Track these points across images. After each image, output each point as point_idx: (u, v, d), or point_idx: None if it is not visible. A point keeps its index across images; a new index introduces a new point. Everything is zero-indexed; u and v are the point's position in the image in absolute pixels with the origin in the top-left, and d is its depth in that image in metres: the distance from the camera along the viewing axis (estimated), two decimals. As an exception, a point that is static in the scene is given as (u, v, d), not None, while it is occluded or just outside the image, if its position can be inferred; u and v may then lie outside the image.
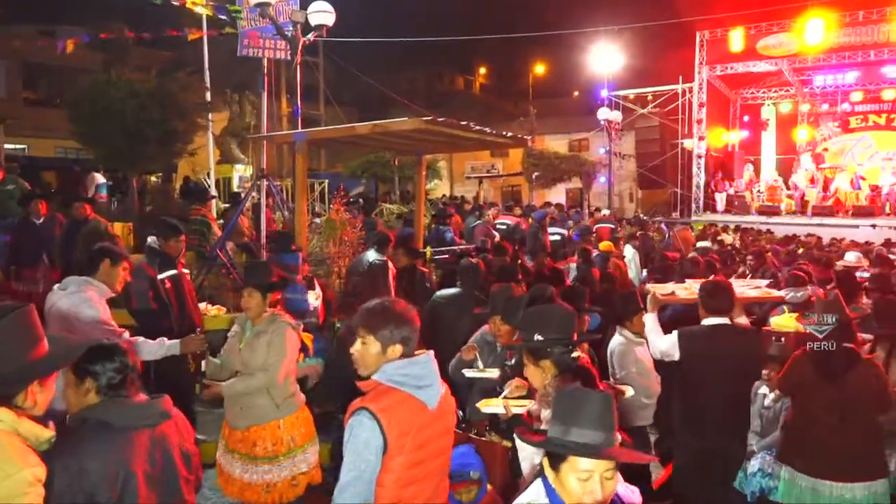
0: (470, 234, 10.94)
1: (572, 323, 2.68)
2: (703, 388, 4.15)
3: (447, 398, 2.52)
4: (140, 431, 2.34)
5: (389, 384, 2.34)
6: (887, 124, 24.99)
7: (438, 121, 6.37)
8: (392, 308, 2.45)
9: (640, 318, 4.71)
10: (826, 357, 3.69)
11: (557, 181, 20.25)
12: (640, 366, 4.58)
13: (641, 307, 4.74)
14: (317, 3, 8.72)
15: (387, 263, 6.37)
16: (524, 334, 2.70)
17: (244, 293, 3.91)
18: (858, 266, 9.44)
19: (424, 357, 2.44)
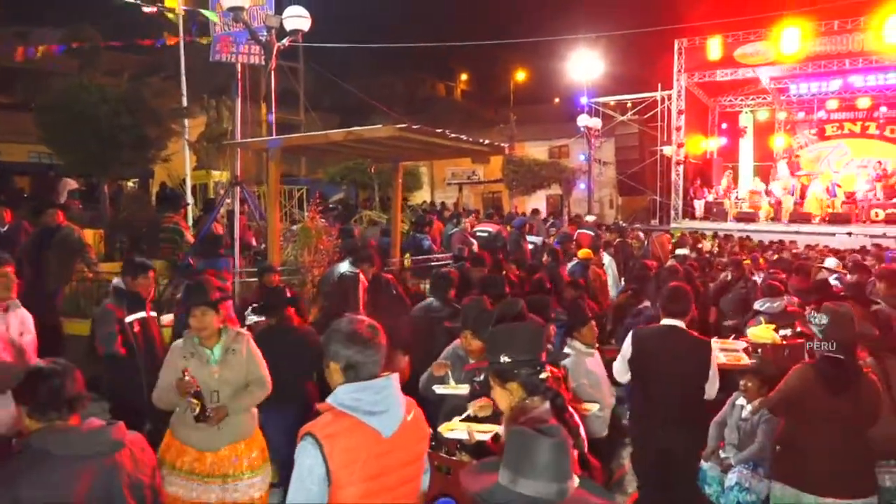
0: (448, 241, 10.85)
1: (541, 342, 2.57)
2: (652, 384, 4.27)
3: (414, 425, 2.39)
4: (86, 461, 2.20)
5: (340, 409, 2.22)
6: (862, 132, 25.29)
7: (413, 128, 6.29)
8: (342, 327, 2.34)
9: (590, 328, 4.63)
10: (835, 369, 3.59)
11: (537, 188, 20.23)
12: (591, 377, 4.50)
13: (591, 316, 4.64)
14: (292, 8, 8.62)
15: (358, 276, 6.18)
16: (489, 355, 2.58)
17: (196, 314, 3.69)
18: (835, 271, 9.48)
19: (382, 381, 2.31)
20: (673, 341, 4.26)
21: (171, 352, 3.81)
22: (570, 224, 16.68)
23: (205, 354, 3.71)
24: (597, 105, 25.16)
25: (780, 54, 22.03)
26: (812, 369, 3.68)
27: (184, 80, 12.56)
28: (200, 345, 3.73)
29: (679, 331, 4.30)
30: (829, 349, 3.67)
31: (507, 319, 3.19)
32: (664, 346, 4.27)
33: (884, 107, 24.38)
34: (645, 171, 26.08)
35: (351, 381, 2.27)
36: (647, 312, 6.26)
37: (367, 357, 2.29)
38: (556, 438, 1.80)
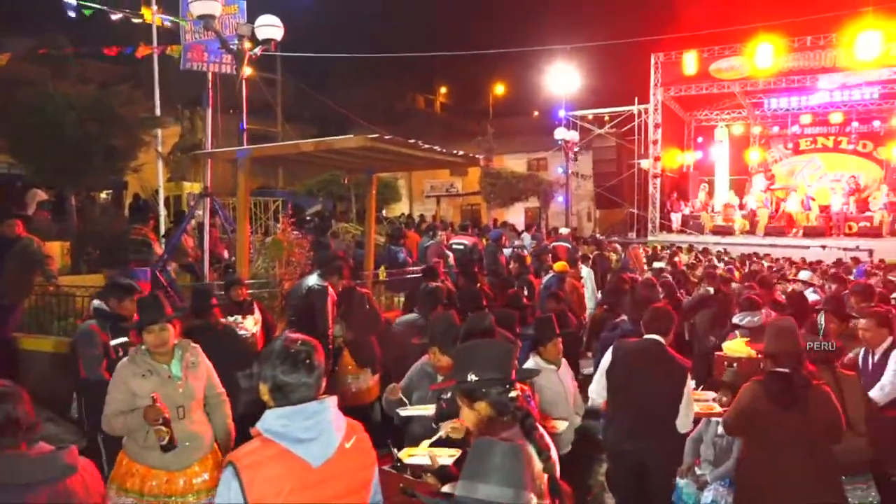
0: (423, 254, 10.70)
1: (510, 359, 2.44)
2: (628, 398, 4.27)
3: (355, 452, 2.22)
4: (37, 488, 2.08)
5: (267, 436, 2.06)
6: (835, 146, 25.67)
7: (385, 138, 6.18)
8: (273, 346, 2.19)
9: (555, 344, 4.54)
10: (783, 384, 3.52)
11: (515, 200, 20.21)
12: (548, 393, 4.40)
13: (557, 333, 4.55)
14: (265, 17, 8.50)
15: (326, 289, 5.99)
16: (456, 373, 2.44)
17: (153, 330, 3.54)
18: (810, 284, 9.49)
19: (315, 405, 2.13)
20: (652, 355, 4.26)
21: (118, 371, 3.60)
22: (548, 237, 16.67)
23: (163, 370, 3.57)
24: (574, 118, 25.28)
25: (754, 69, 22.32)
26: (759, 385, 3.61)
27: (157, 89, 12.34)
28: (154, 361, 3.58)
29: (659, 345, 4.31)
30: (772, 364, 3.65)
31: (475, 335, 3.06)
32: (643, 360, 4.28)
33: (856, 122, 24.81)
34: (622, 184, 26.21)
35: (280, 404, 2.11)
36: (623, 326, 6.18)
37: (297, 378, 2.11)
38: (511, 443, 1.78)
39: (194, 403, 3.60)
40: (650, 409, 4.21)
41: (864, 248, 18.67)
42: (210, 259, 9.59)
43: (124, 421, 3.47)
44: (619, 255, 15.24)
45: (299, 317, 5.83)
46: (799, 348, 3.66)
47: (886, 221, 20.94)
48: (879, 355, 4.56)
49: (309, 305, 5.77)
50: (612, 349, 4.47)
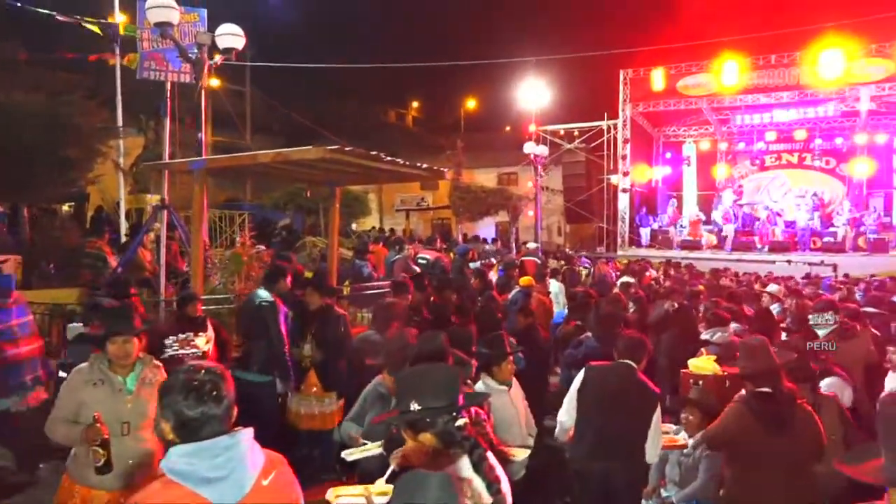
0: (389, 268, 10.53)
1: (457, 385, 2.26)
2: (596, 419, 4.23)
3: (274, 489, 1.98)
4: None
5: (170, 476, 1.85)
6: (799, 163, 26.11)
7: (345, 150, 5.99)
8: (176, 376, 1.98)
9: (508, 364, 4.39)
10: (770, 405, 3.42)
11: (484, 214, 20.13)
12: (501, 415, 4.25)
13: (510, 352, 4.41)
14: (226, 26, 8.31)
15: (276, 304, 5.70)
16: (399, 403, 2.26)
17: (118, 341, 3.44)
18: (778, 298, 9.49)
19: (226, 440, 1.91)
20: (624, 380, 4.26)
21: (72, 377, 3.47)
22: (519, 251, 16.60)
23: (117, 382, 3.45)
24: (544, 133, 25.36)
25: (720, 86, 22.63)
26: (745, 406, 3.50)
27: (119, 99, 12.03)
28: (111, 371, 3.46)
29: (632, 370, 4.30)
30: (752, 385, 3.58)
31: (424, 357, 2.88)
32: (613, 381, 4.27)
33: (819, 139, 25.26)
34: (592, 199, 26.31)
35: (185, 440, 1.90)
36: (587, 343, 6.06)
37: (203, 412, 1.91)
38: (441, 475, 1.63)
39: (144, 422, 3.44)
40: (618, 432, 4.20)
41: (828, 263, 18.91)
42: (170, 273, 9.30)
43: (67, 431, 3.34)
44: (588, 270, 15.20)
45: (252, 334, 5.58)
46: (776, 365, 3.61)
47: (850, 237, 21.27)
48: None
49: (260, 322, 5.53)
50: (584, 371, 4.45)
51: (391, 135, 41.02)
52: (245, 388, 5.72)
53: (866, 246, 20.84)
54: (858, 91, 21.54)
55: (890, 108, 22.87)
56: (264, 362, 5.50)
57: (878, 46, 20.84)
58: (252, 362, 5.59)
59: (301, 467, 6.17)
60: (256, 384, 5.58)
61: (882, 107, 22.98)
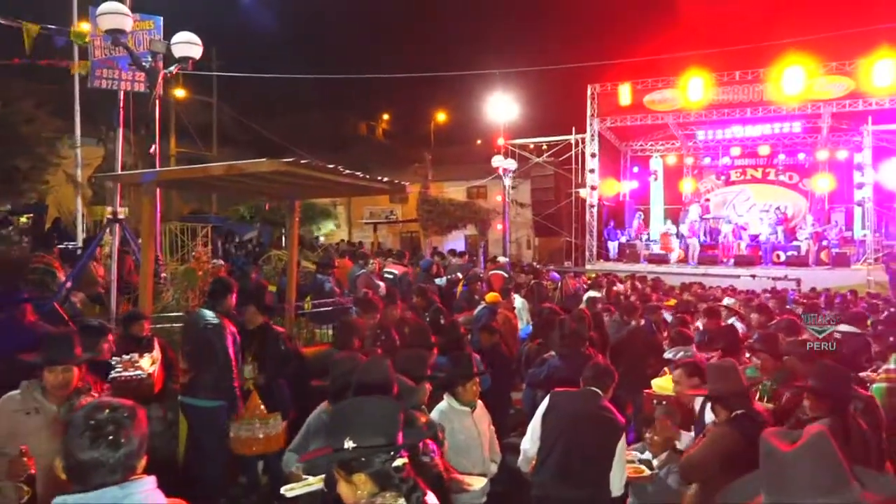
0: (353, 283, 10.28)
1: (396, 420, 2.07)
2: (559, 440, 4.14)
3: None
4: None
5: None
6: (763, 178, 26.49)
7: (301, 163, 5.77)
8: (77, 415, 1.79)
9: (473, 385, 4.23)
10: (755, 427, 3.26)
11: (452, 228, 19.99)
12: (461, 438, 4.08)
13: (475, 371, 4.25)
14: (182, 34, 8.08)
15: (222, 325, 5.34)
16: (331, 439, 2.06)
17: (57, 370, 3.25)
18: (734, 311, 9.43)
19: (115, 491, 1.71)
20: (590, 407, 4.18)
21: (3, 402, 3.27)
22: (486, 265, 16.45)
23: (51, 412, 3.25)
24: (513, 147, 25.38)
25: (686, 101, 22.89)
26: (732, 429, 3.35)
27: (77, 109, 11.68)
28: (46, 400, 3.26)
29: (597, 398, 4.22)
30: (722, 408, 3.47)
31: (367, 387, 2.68)
32: (578, 408, 4.20)
33: (782, 154, 25.68)
34: (560, 213, 26.37)
35: (74, 484, 1.70)
36: (551, 362, 5.91)
37: (95, 457, 1.72)
38: None
39: None
40: (582, 460, 4.11)
41: (792, 277, 19.12)
42: (123, 289, 8.96)
43: None
44: (555, 284, 15.10)
45: (197, 359, 5.28)
46: (745, 387, 3.53)
47: (813, 251, 21.57)
48: None
49: (206, 345, 5.24)
50: (549, 397, 4.36)
51: (361, 148, 40.87)
52: (194, 414, 5.46)
53: (829, 260, 21.15)
54: (820, 108, 21.96)
55: (850, 125, 23.33)
56: (212, 388, 5.23)
57: (838, 64, 21.29)
58: (199, 388, 5.30)
59: (250, 493, 5.90)
60: (206, 409, 5.29)
61: (843, 123, 23.45)
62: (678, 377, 4.51)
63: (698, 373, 4.30)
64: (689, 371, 4.45)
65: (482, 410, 4.35)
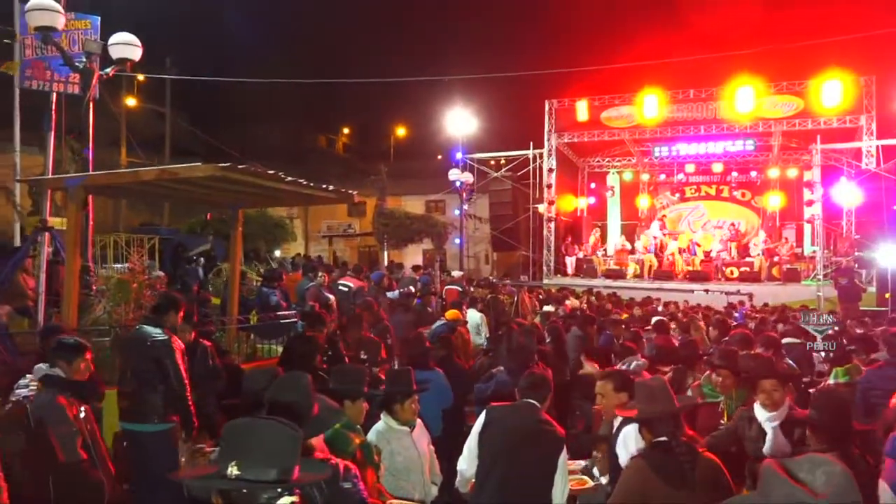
0: (301, 296, 9.96)
1: (293, 450, 1.80)
2: (498, 459, 3.90)
3: None
4: None
5: None
6: (717, 195, 26.92)
7: (238, 168, 5.49)
8: None
9: (412, 403, 4.00)
10: (670, 459, 3.07)
11: (409, 241, 19.73)
12: (400, 459, 3.83)
13: (414, 388, 4.01)
14: (120, 35, 7.72)
15: (171, 341, 5.04)
16: (218, 461, 1.79)
17: None
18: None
19: None
20: (527, 421, 3.93)
21: None
22: (443, 279, 16.25)
23: None
24: (472, 161, 25.30)
25: (642, 118, 23.15)
26: (644, 462, 3.12)
27: (17, 113, 11.14)
28: None
29: (535, 410, 3.97)
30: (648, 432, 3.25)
31: (278, 406, 2.40)
32: (516, 423, 3.95)
33: (735, 171, 26.15)
34: (518, 228, 26.33)
35: None
36: (498, 377, 5.70)
37: None
38: None
39: None
40: (524, 476, 3.84)
41: (744, 293, 19.34)
42: (53, 301, 8.47)
43: None
44: (511, 299, 14.96)
45: (144, 378, 4.87)
46: (674, 409, 3.24)
47: (764, 266, 21.91)
48: None
49: (155, 362, 4.85)
50: (485, 412, 4.09)
51: (320, 160, 40.41)
52: (142, 441, 4.97)
53: (780, 275, 21.50)
54: (771, 126, 22.41)
55: (800, 144, 23.86)
56: (162, 410, 4.86)
57: (788, 84, 21.80)
58: (147, 412, 4.92)
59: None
60: (156, 434, 4.92)
61: (793, 142, 23.97)
62: (602, 388, 4.20)
63: (627, 387, 3.98)
64: (616, 383, 4.16)
65: (422, 430, 4.10)
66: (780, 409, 4.02)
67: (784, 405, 4.05)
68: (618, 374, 4.06)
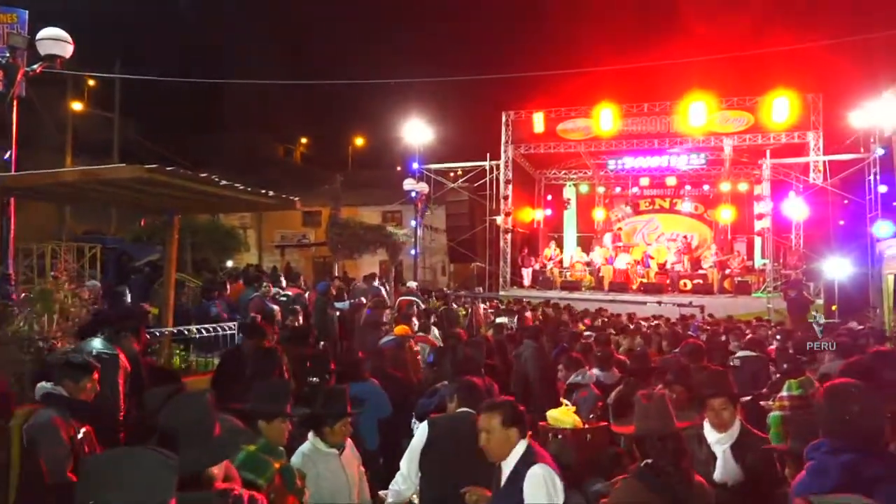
0: (245, 307, 9.57)
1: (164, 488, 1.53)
2: (437, 471, 3.77)
3: None
4: None
5: None
6: (671, 208, 27.25)
7: (167, 170, 5.16)
8: None
9: (343, 424, 3.72)
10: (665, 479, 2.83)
11: (363, 252, 19.40)
12: (326, 484, 3.57)
13: (348, 411, 3.75)
14: (48, 30, 7.31)
15: (118, 357, 4.76)
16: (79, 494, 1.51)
17: None
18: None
19: None
20: (469, 432, 3.60)
21: None
22: (397, 290, 15.97)
23: None
24: (428, 172, 25.12)
25: (598, 131, 23.32)
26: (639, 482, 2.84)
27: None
28: None
29: (471, 417, 3.69)
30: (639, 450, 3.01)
31: (171, 430, 2.11)
32: (458, 435, 3.72)
33: (688, 185, 26.50)
34: (475, 239, 26.20)
35: None
36: (441, 392, 5.43)
37: None
38: None
39: None
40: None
41: (696, 305, 19.49)
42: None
43: None
44: (466, 311, 14.76)
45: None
46: (670, 430, 2.98)
47: (716, 279, 22.18)
48: None
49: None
50: (426, 425, 3.91)
51: (277, 170, 39.84)
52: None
53: (732, 288, 21.78)
54: (722, 141, 22.79)
55: (750, 159, 24.30)
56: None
57: (739, 99, 22.22)
58: None
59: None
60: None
61: (743, 157, 24.40)
62: (487, 423, 3.38)
63: (518, 421, 3.39)
64: (506, 416, 3.37)
65: (352, 452, 3.82)
66: (730, 430, 3.72)
67: (735, 425, 3.76)
68: (508, 406, 3.34)
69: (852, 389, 2.47)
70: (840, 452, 2.31)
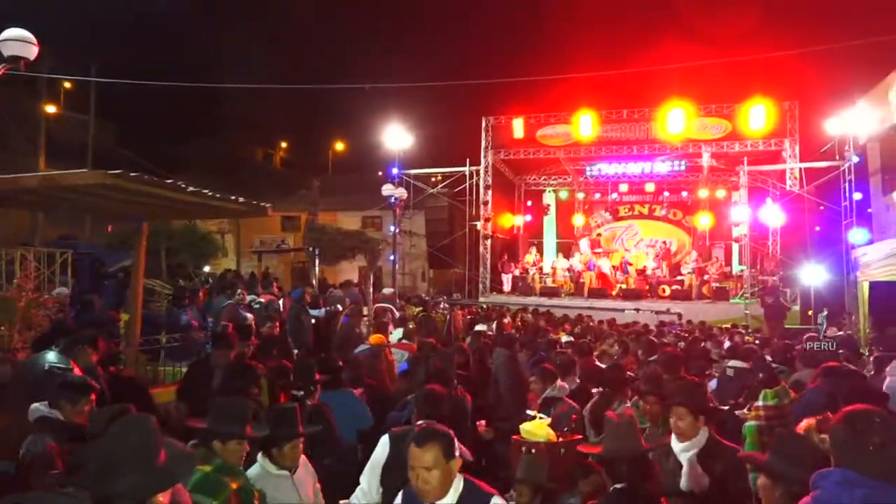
0: (217, 315, 9.38)
1: None
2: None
3: None
4: None
5: None
6: (650, 214, 27.35)
7: (131, 176, 5.00)
8: None
9: (294, 446, 3.57)
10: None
11: (341, 258, 19.19)
12: None
13: (300, 431, 3.60)
14: (12, 31, 7.11)
15: (72, 370, 4.53)
16: None
17: None
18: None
19: None
20: None
21: None
22: (375, 297, 15.82)
23: None
24: (408, 177, 24.99)
25: (577, 136, 23.36)
26: None
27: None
28: None
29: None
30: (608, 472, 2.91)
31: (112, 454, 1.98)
32: None
33: (667, 191, 26.62)
34: (455, 245, 26.12)
35: None
36: (412, 403, 5.32)
37: None
38: None
39: None
40: None
41: (674, 311, 19.56)
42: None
43: None
44: (443, 317, 14.65)
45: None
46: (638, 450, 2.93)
47: (695, 285, 22.26)
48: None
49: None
50: (386, 439, 3.75)
51: (256, 175, 39.52)
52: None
53: (710, 294, 21.87)
54: (700, 147, 22.93)
55: (728, 165, 24.47)
56: None
57: (717, 106, 22.39)
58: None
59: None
60: None
61: (721, 163, 24.57)
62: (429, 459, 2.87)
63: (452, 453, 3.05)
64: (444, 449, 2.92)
65: (305, 470, 3.66)
66: (695, 439, 3.64)
67: (700, 434, 3.70)
68: (445, 435, 2.87)
69: (875, 419, 2.27)
70: (856, 486, 2.17)
